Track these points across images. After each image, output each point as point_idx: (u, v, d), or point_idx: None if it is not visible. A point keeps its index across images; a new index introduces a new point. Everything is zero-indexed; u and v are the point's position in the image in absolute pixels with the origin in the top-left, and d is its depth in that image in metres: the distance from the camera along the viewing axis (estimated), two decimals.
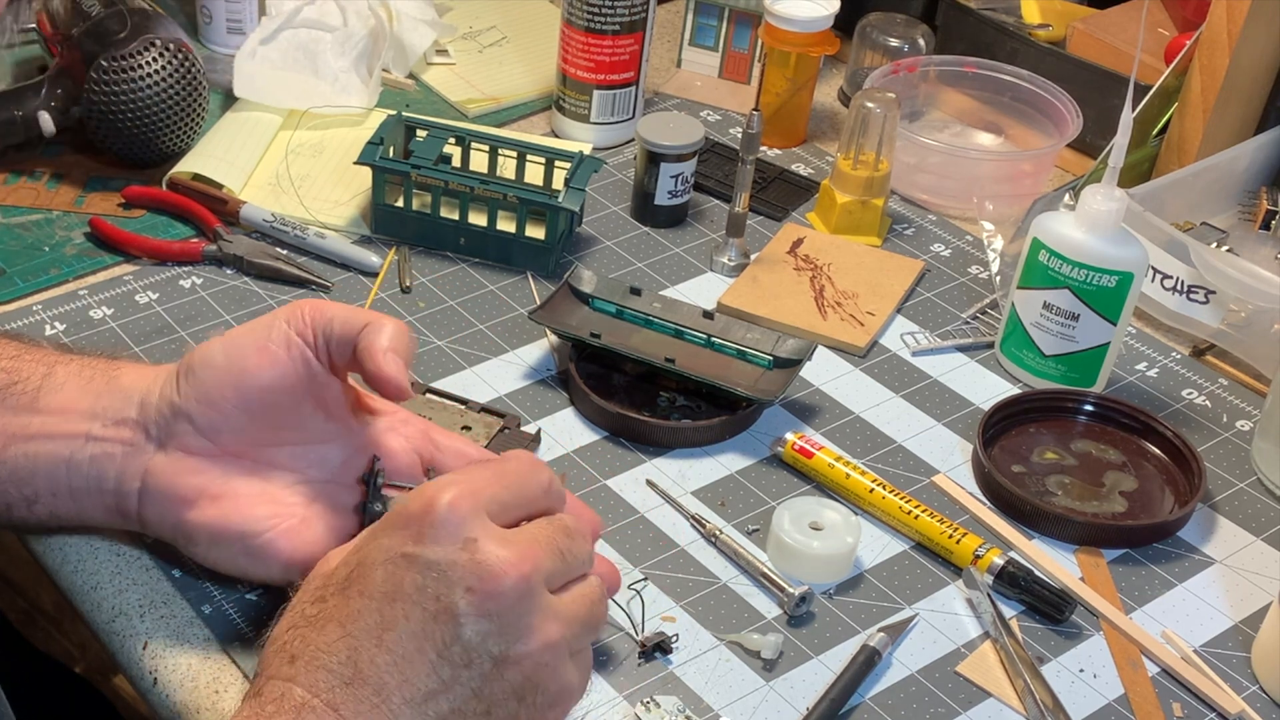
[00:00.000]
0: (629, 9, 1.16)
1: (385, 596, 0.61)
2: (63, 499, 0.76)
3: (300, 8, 1.25)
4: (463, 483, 0.63)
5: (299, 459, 0.76)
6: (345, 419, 0.77)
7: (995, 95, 1.24)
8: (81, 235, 1.07)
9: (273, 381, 0.73)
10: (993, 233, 1.12)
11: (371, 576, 0.61)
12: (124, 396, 0.75)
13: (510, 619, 0.61)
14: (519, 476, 0.66)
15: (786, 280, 1.07)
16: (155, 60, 1.09)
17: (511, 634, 0.61)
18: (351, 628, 0.60)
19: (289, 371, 0.73)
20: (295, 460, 0.76)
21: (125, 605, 0.80)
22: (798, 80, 1.22)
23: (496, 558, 0.61)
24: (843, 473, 0.90)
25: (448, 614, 0.60)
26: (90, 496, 0.76)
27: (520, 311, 1.03)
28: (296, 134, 1.19)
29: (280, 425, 0.75)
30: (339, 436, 0.77)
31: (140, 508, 0.76)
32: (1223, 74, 1.12)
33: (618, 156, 1.22)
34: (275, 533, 0.74)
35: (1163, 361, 1.05)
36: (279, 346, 0.73)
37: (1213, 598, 0.86)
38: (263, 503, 0.75)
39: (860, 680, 0.78)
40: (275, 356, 0.73)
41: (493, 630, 0.61)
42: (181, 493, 0.74)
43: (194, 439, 0.74)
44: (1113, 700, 0.80)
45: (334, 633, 0.61)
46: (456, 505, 0.62)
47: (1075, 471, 0.93)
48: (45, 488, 0.75)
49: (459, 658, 0.60)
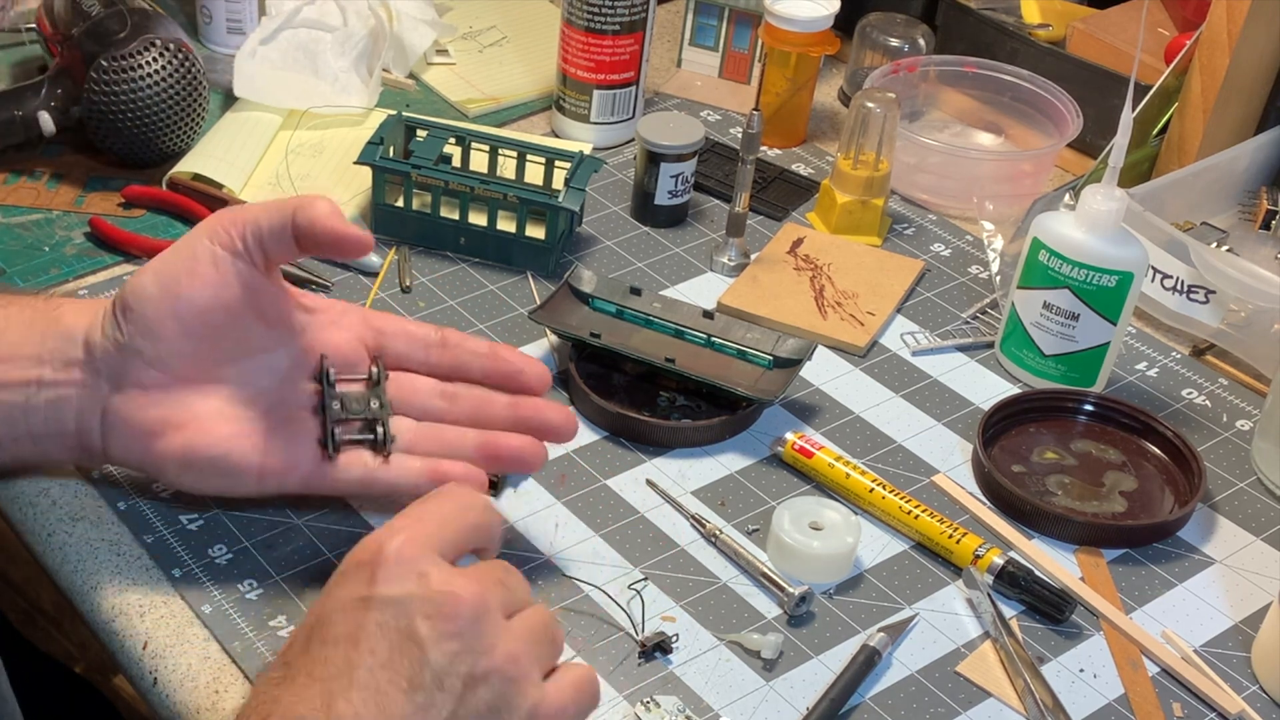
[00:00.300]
0: (629, 9, 1.16)
1: (349, 639, 0.61)
2: (24, 444, 0.78)
3: (300, 8, 1.25)
4: (408, 527, 0.64)
5: (248, 372, 0.78)
6: (286, 323, 0.79)
7: (995, 95, 1.24)
8: (81, 235, 1.07)
9: (209, 301, 0.75)
10: (993, 233, 1.12)
11: (331, 626, 0.62)
12: (68, 338, 0.77)
13: (473, 637, 0.62)
14: (458, 516, 0.67)
15: (786, 280, 1.07)
16: (155, 60, 1.09)
17: (476, 651, 0.62)
18: (320, 674, 0.61)
19: (223, 288, 0.75)
20: (245, 374, 0.78)
21: (125, 605, 0.80)
22: (798, 80, 1.22)
23: (451, 585, 0.62)
24: (843, 473, 0.90)
25: (412, 642, 0.61)
26: (52, 440, 0.78)
27: (520, 311, 1.03)
28: (296, 134, 1.19)
29: (224, 342, 0.77)
30: (282, 342, 0.79)
31: (105, 445, 0.77)
32: (1223, 74, 1.12)
33: (618, 156, 1.22)
34: (243, 448, 0.76)
35: (1163, 361, 1.05)
36: (207, 265, 0.74)
37: (1213, 598, 0.86)
38: (223, 421, 0.77)
39: (860, 680, 0.78)
40: (206, 276, 0.74)
41: (459, 650, 0.62)
42: (145, 427, 0.76)
43: (145, 372, 0.76)
44: (1113, 700, 0.80)
45: (303, 683, 0.61)
46: (405, 548, 0.63)
47: (1075, 471, 0.93)
48: (5, 434, 0.77)
49: (430, 682, 0.61)
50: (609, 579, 0.84)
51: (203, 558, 0.82)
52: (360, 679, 0.60)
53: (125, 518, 0.85)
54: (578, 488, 0.90)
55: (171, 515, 0.85)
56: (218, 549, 0.83)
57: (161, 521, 0.85)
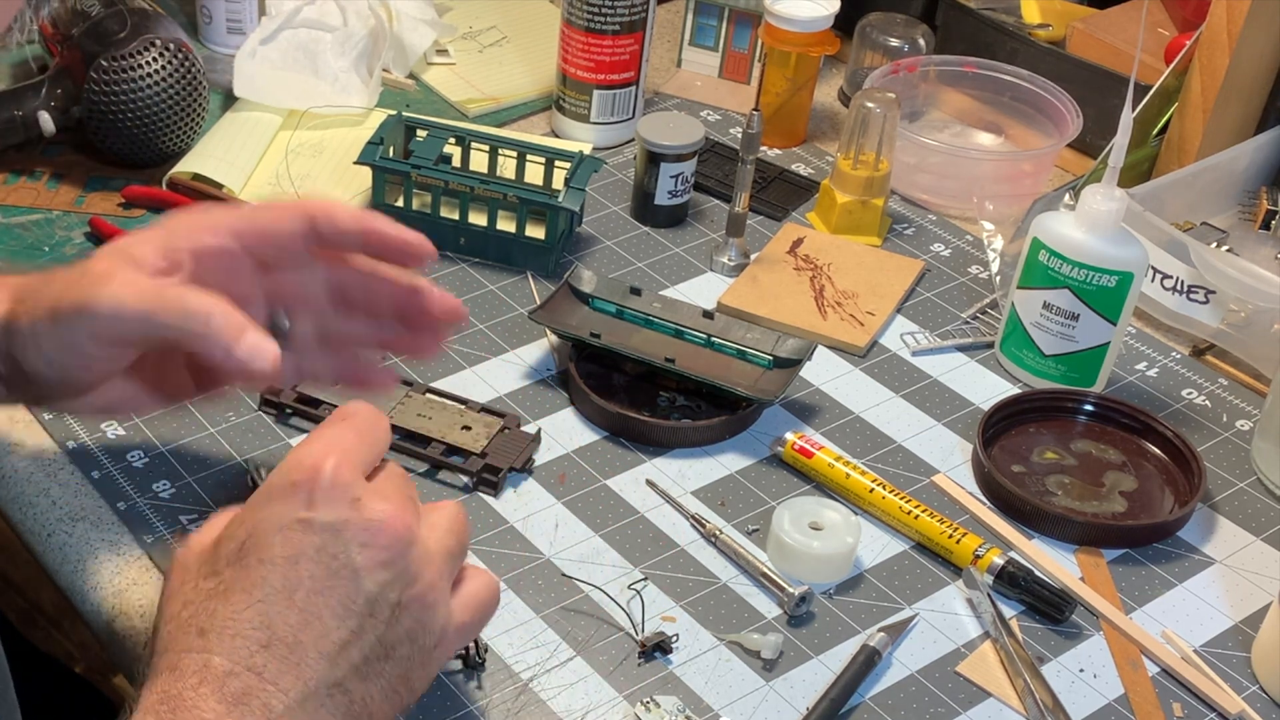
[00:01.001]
0: (629, 9, 1.16)
1: (287, 560, 0.63)
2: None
3: (300, 8, 1.25)
4: (338, 448, 0.65)
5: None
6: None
7: (995, 95, 1.24)
8: (81, 235, 1.07)
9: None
10: (993, 233, 1.12)
11: (268, 544, 0.63)
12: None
13: (401, 566, 0.64)
14: (373, 432, 0.68)
15: (786, 280, 1.07)
16: (155, 60, 1.09)
17: (405, 580, 0.65)
18: (258, 594, 0.62)
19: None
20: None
21: (125, 605, 0.80)
22: (798, 80, 1.22)
23: (382, 512, 0.65)
24: (843, 473, 0.90)
25: (348, 570, 0.63)
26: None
27: (520, 311, 1.03)
28: (296, 134, 1.19)
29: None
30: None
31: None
32: (1223, 74, 1.12)
33: (618, 156, 1.22)
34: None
35: (1163, 361, 1.05)
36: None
37: (1213, 598, 0.86)
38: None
39: (860, 680, 0.78)
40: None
41: (390, 579, 0.64)
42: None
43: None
44: (1113, 700, 0.80)
45: (240, 601, 0.62)
46: (339, 470, 0.64)
47: (1075, 471, 0.93)
48: None
49: (363, 608, 0.63)
50: (609, 579, 0.84)
51: None
52: (299, 602, 0.62)
53: (125, 518, 0.85)
54: (578, 488, 0.90)
55: (171, 515, 0.85)
56: None
57: (161, 521, 0.85)
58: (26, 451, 0.89)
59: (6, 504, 0.88)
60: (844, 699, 0.77)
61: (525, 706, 0.76)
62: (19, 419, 0.91)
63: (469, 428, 0.92)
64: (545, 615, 0.81)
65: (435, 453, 0.90)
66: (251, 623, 0.62)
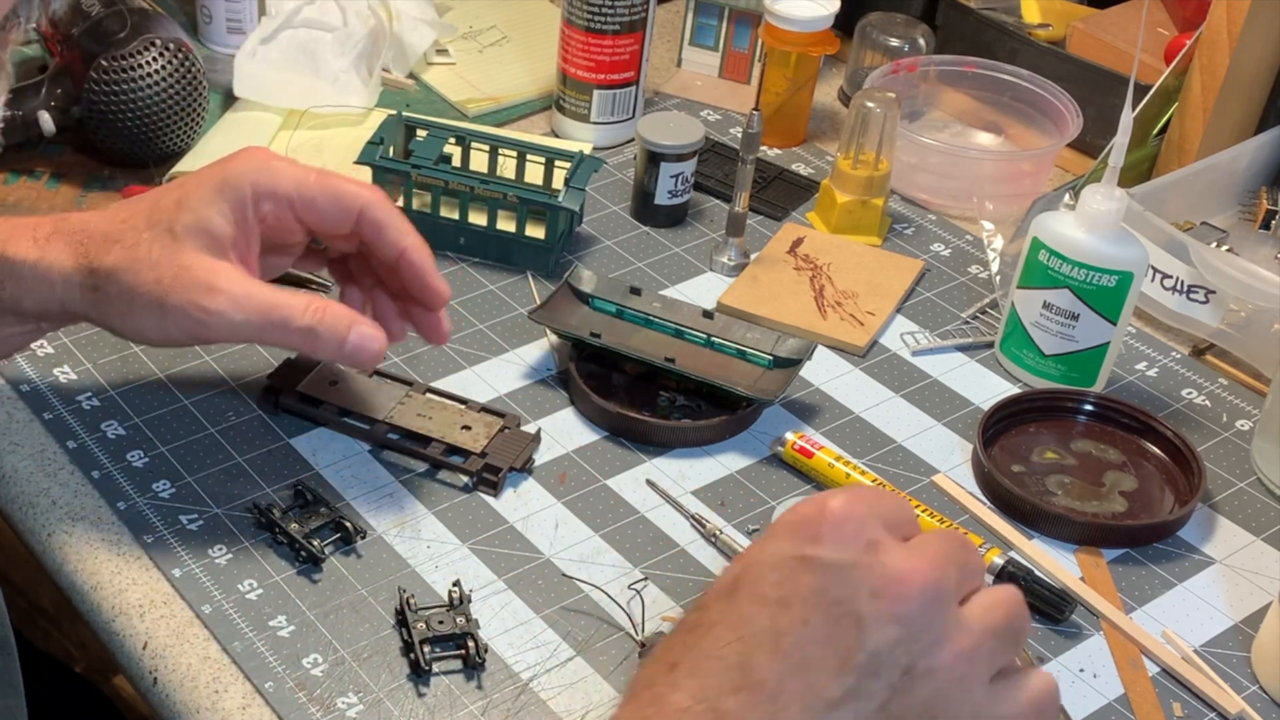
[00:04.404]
0: (629, 9, 1.16)
1: (780, 601, 0.55)
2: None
3: (300, 7, 1.25)
4: (853, 490, 0.58)
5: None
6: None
7: (995, 95, 1.24)
8: None
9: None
10: (993, 232, 1.12)
11: (762, 581, 0.56)
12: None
13: (920, 626, 0.55)
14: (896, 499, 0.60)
15: (786, 280, 1.07)
16: (155, 60, 1.09)
17: (922, 643, 0.55)
18: (743, 631, 0.55)
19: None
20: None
21: (125, 605, 0.80)
22: (798, 80, 1.22)
23: (902, 561, 0.55)
24: (843, 472, 0.90)
25: (851, 619, 0.54)
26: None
27: (520, 311, 1.03)
28: (296, 134, 1.19)
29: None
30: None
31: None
32: (1223, 74, 1.12)
33: (618, 156, 1.22)
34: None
35: (1163, 361, 1.05)
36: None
37: (1213, 598, 0.86)
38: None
39: None
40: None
41: (902, 638, 0.54)
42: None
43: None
44: (1113, 700, 0.80)
45: (724, 636, 0.55)
46: (852, 507, 0.56)
47: (1075, 471, 0.93)
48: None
49: (865, 667, 0.54)
50: (609, 579, 0.84)
51: (203, 558, 0.83)
52: (786, 647, 0.54)
53: (125, 518, 0.85)
54: (578, 488, 0.90)
55: (172, 515, 0.85)
56: (218, 549, 0.83)
57: (161, 521, 0.85)
58: (26, 451, 0.89)
59: (6, 504, 0.88)
60: None
61: (525, 706, 0.76)
62: (19, 419, 0.91)
63: (469, 427, 0.92)
64: (545, 615, 0.81)
65: (435, 453, 0.90)
66: (727, 660, 0.54)
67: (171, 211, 0.80)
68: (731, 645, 0.55)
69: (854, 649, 0.54)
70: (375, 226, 0.81)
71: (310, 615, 0.80)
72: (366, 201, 0.82)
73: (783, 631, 0.54)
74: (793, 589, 0.55)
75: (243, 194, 0.80)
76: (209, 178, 0.81)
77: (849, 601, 0.54)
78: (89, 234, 0.80)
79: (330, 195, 0.82)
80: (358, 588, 0.82)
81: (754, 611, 0.55)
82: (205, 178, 0.81)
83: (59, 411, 0.91)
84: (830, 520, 0.55)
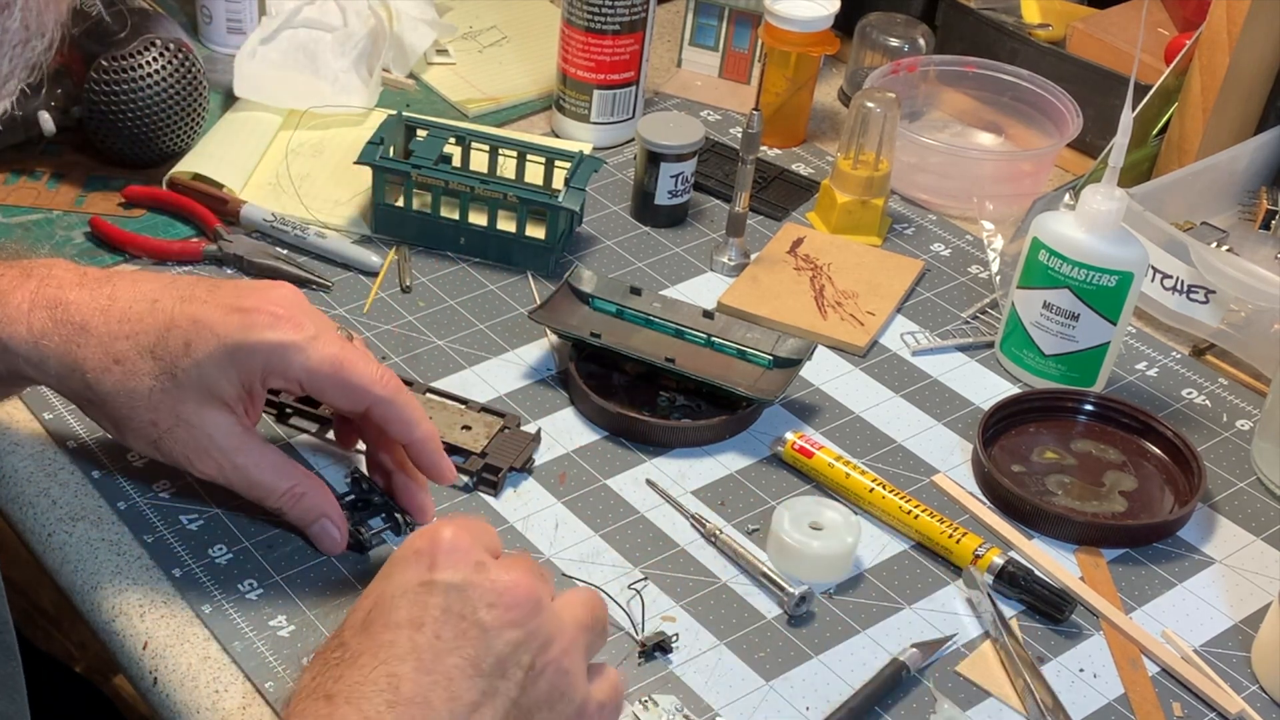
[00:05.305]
0: (629, 9, 1.16)
1: (412, 623, 0.63)
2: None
3: (300, 8, 1.25)
4: (456, 520, 0.67)
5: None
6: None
7: (995, 95, 1.24)
8: (82, 235, 1.07)
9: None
10: (993, 232, 1.12)
11: (394, 609, 0.63)
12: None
13: (532, 628, 0.64)
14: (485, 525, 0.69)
15: (786, 280, 1.07)
16: (155, 60, 1.09)
17: (537, 641, 0.64)
18: (385, 655, 0.62)
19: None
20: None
21: (125, 605, 0.80)
22: (798, 80, 1.22)
23: (505, 575, 0.65)
24: (842, 472, 0.90)
25: (476, 629, 0.63)
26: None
27: (520, 311, 1.03)
28: (296, 134, 1.19)
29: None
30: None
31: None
32: (1223, 74, 1.12)
33: (618, 156, 1.22)
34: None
35: (1163, 361, 1.05)
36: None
37: (1213, 597, 0.86)
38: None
39: (884, 693, 0.78)
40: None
41: (521, 640, 0.63)
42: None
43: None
44: (1113, 700, 0.80)
45: (369, 663, 0.62)
46: (459, 535, 0.65)
47: (1075, 471, 0.93)
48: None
49: (494, 669, 0.63)
50: (609, 579, 0.84)
51: (203, 558, 0.83)
52: (426, 663, 0.62)
53: (125, 518, 0.85)
54: (578, 488, 0.90)
55: (172, 515, 0.85)
56: (218, 549, 0.83)
57: (161, 521, 0.85)
58: (26, 451, 0.89)
59: (6, 504, 0.88)
60: (865, 709, 0.77)
61: None
62: (19, 419, 0.91)
63: (469, 427, 0.92)
64: None
65: None
66: (378, 684, 0.61)
67: (178, 353, 0.77)
68: (379, 669, 0.62)
69: (482, 655, 0.63)
70: (384, 420, 0.80)
71: (310, 615, 0.80)
72: (375, 400, 0.79)
73: (421, 648, 0.62)
74: (422, 610, 0.63)
75: (253, 371, 0.78)
76: (224, 332, 0.77)
77: (471, 614, 0.63)
78: (84, 328, 0.78)
79: (341, 390, 0.79)
80: (358, 588, 0.82)
81: (392, 637, 0.63)
82: (220, 329, 0.77)
83: (58, 411, 0.91)
84: (443, 548, 0.64)
